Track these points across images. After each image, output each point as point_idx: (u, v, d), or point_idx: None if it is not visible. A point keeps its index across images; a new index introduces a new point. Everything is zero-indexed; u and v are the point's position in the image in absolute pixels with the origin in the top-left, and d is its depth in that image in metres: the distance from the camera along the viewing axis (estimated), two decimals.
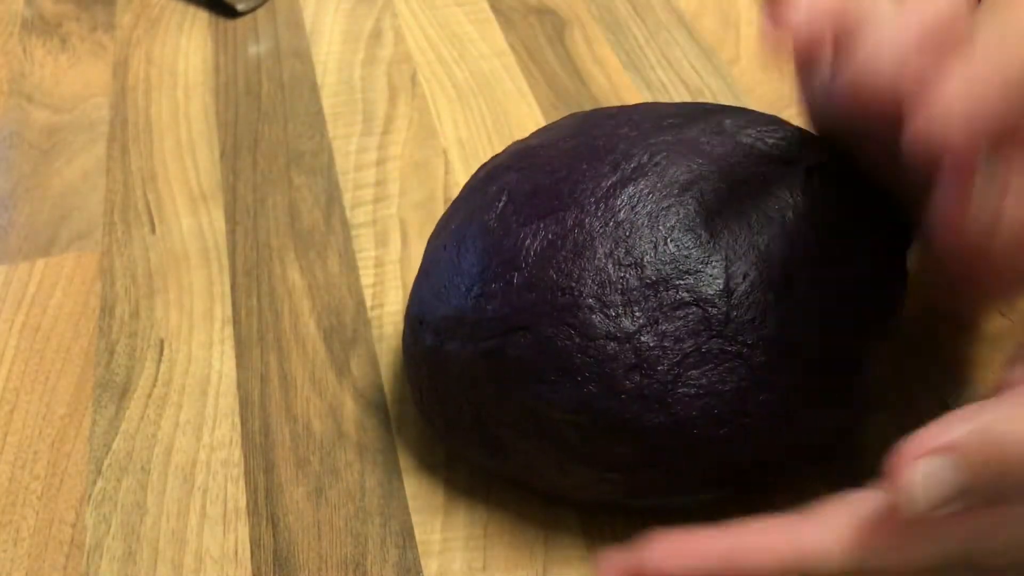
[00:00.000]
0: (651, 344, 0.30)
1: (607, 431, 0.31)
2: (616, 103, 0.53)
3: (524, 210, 0.33)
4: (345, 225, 0.47)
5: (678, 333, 0.30)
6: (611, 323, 0.31)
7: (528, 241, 0.32)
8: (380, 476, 0.37)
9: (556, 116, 0.53)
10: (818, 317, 0.31)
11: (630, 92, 0.54)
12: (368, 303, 0.43)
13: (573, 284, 0.31)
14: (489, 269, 0.33)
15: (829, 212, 0.33)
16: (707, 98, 0.54)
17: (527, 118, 0.53)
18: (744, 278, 0.31)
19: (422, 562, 0.34)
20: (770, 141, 0.34)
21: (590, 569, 0.34)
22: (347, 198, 0.49)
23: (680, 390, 0.30)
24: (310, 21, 0.61)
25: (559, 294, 0.31)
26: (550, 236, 0.32)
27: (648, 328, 0.30)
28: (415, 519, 0.36)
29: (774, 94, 0.53)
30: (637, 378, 0.30)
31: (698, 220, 0.32)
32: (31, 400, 0.40)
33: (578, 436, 0.31)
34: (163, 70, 0.58)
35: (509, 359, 0.32)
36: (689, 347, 0.30)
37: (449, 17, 0.61)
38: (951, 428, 0.24)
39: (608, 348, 0.31)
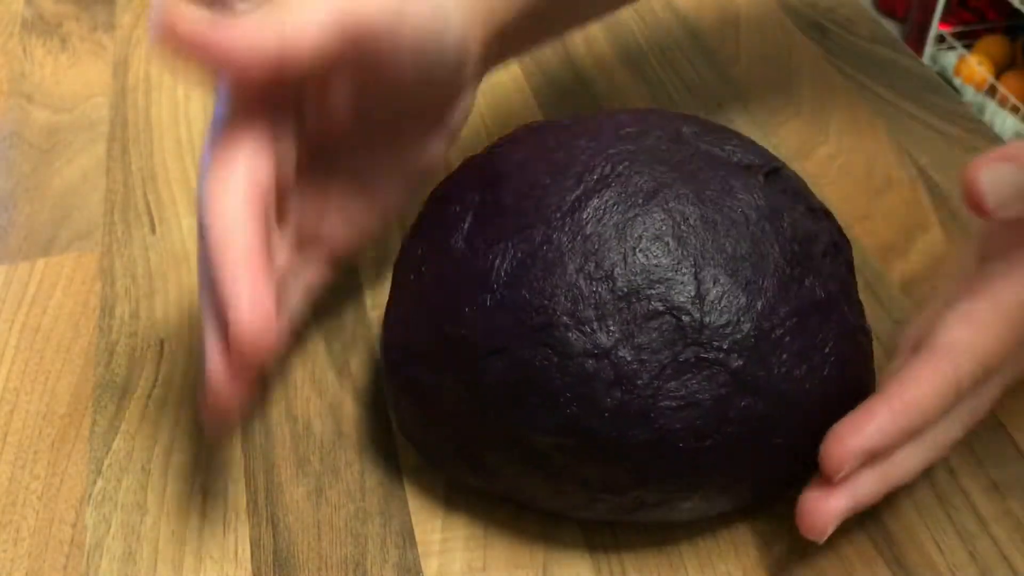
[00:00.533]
0: (628, 358, 0.30)
1: (593, 452, 0.31)
2: (616, 103, 0.53)
3: (490, 230, 0.32)
4: None
5: (654, 344, 0.30)
6: (587, 340, 0.30)
7: (497, 262, 0.32)
8: (380, 476, 0.37)
9: (556, 116, 0.53)
10: (792, 316, 0.31)
11: (630, 92, 0.54)
12: (368, 303, 0.43)
13: (546, 302, 0.31)
14: (460, 293, 0.32)
15: (789, 212, 0.33)
16: (707, 98, 0.54)
17: (527, 118, 0.53)
18: (715, 282, 0.31)
19: (422, 562, 0.34)
20: (727, 147, 0.34)
21: (590, 569, 0.34)
22: None
23: (661, 403, 0.30)
24: None
25: (533, 314, 0.31)
26: (519, 255, 0.31)
27: (624, 342, 0.30)
28: (415, 519, 0.36)
29: (774, 94, 0.53)
30: (618, 394, 0.30)
31: (665, 228, 0.31)
32: (31, 400, 0.40)
33: (564, 459, 0.31)
34: (163, 70, 0.58)
35: (487, 385, 0.31)
36: (666, 358, 0.30)
37: None
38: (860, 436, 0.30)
39: (587, 366, 0.30)
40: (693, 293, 0.31)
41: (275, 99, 0.32)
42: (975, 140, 0.50)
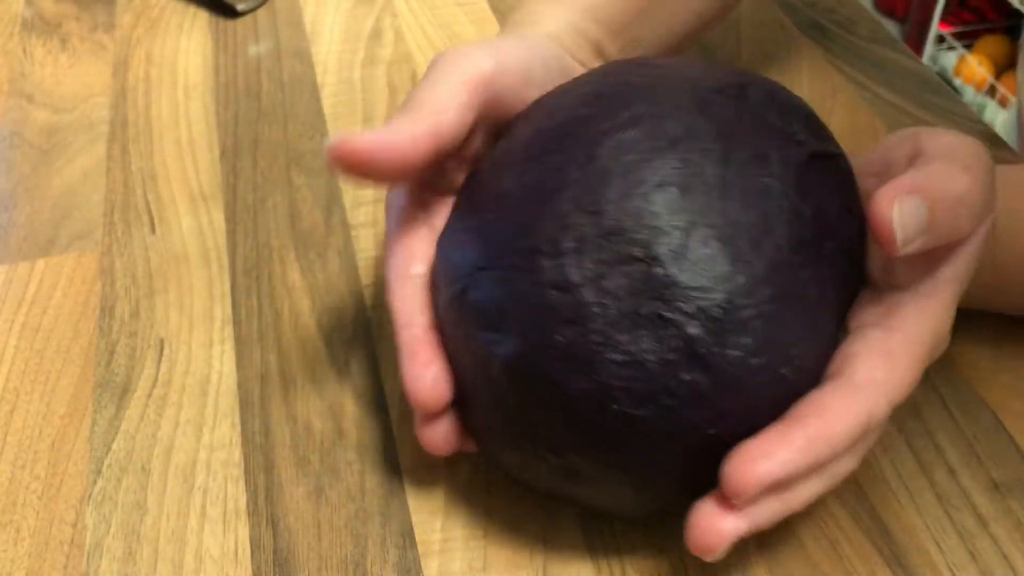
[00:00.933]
0: (590, 299, 0.29)
1: (537, 392, 0.30)
2: None
3: (517, 153, 0.33)
4: (345, 225, 0.47)
5: (619, 291, 0.29)
6: (558, 272, 0.30)
7: (508, 183, 0.32)
8: (380, 476, 0.37)
9: None
10: (771, 301, 0.29)
11: None
12: (368, 303, 0.43)
13: (536, 226, 0.30)
14: (472, 211, 0.33)
15: (818, 199, 0.31)
16: None
17: None
18: (704, 243, 0.29)
19: (422, 562, 0.34)
20: (787, 119, 0.32)
21: (590, 569, 0.34)
22: (347, 198, 0.49)
23: (608, 355, 0.29)
24: (310, 21, 0.61)
25: (523, 237, 0.31)
26: (528, 179, 0.31)
27: (592, 282, 0.29)
28: (415, 519, 0.36)
29: None
30: (570, 333, 0.29)
31: (675, 177, 0.30)
32: (31, 400, 0.40)
33: (516, 396, 0.31)
34: (163, 70, 0.58)
35: (470, 301, 0.31)
36: (626, 307, 0.29)
37: (449, 17, 0.61)
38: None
39: (550, 297, 0.30)
40: (676, 247, 0.29)
41: (433, 174, 0.36)
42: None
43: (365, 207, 0.48)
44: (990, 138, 0.50)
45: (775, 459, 0.29)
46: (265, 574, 0.34)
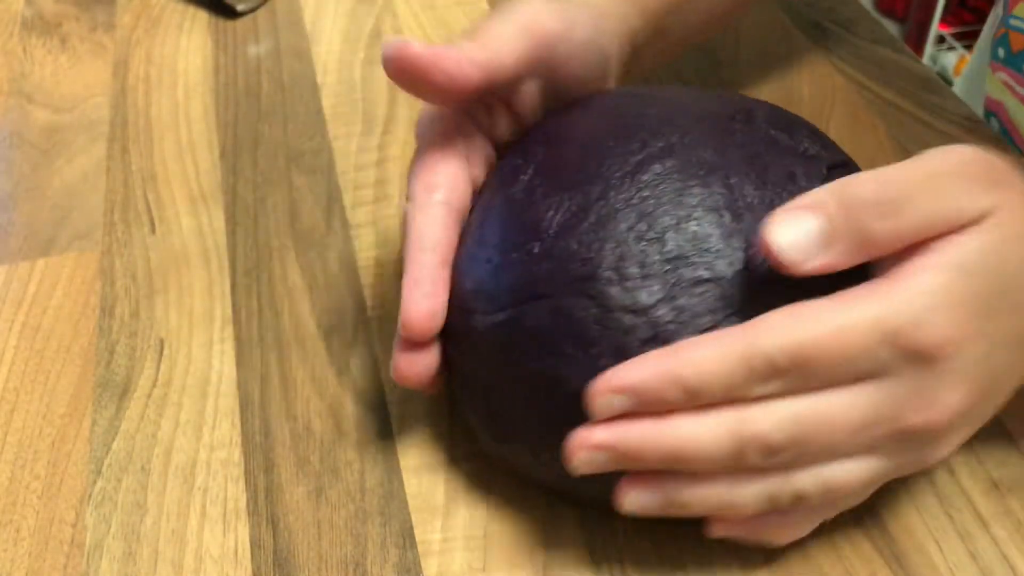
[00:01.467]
0: (668, 318, 0.30)
1: None
2: None
3: (549, 183, 0.33)
4: (345, 225, 0.47)
5: (696, 308, 0.30)
6: (628, 295, 0.31)
7: (551, 213, 0.32)
8: (380, 476, 0.37)
9: None
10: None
11: None
12: (368, 303, 0.43)
13: (593, 255, 0.31)
14: (508, 240, 0.33)
15: None
16: None
17: None
18: (763, 262, 0.31)
19: (422, 562, 0.34)
20: (795, 136, 0.35)
21: (590, 569, 0.34)
22: (347, 198, 0.49)
23: None
24: (310, 21, 0.61)
25: (578, 264, 0.31)
26: (574, 208, 0.32)
27: (665, 302, 0.30)
28: (415, 519, 0.36)
29: (774, 94, 0.53)
30: (649, 351, 0.30)
31: (722, 202, 0.32)
32: (31, 400, 0.40)
33: (586, 415, 0.31)
34: (163, 70, 0.58)
35: (525, 329, 0.32)
36: (706, 323, 0.30)
37: (449, 17, 0.61)
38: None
39: (625, 320, 0.31)
40: (740, 268, 0.31)
41: (476, 110, 0.37)
42: (975, 140, 0.50)
43: (365, 207, 0.48)
44: (991, 138, 0.50)
45: (628, 368, 0.29)
46: (265, 574, 0.34)
